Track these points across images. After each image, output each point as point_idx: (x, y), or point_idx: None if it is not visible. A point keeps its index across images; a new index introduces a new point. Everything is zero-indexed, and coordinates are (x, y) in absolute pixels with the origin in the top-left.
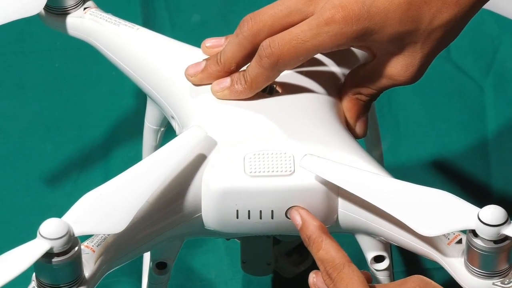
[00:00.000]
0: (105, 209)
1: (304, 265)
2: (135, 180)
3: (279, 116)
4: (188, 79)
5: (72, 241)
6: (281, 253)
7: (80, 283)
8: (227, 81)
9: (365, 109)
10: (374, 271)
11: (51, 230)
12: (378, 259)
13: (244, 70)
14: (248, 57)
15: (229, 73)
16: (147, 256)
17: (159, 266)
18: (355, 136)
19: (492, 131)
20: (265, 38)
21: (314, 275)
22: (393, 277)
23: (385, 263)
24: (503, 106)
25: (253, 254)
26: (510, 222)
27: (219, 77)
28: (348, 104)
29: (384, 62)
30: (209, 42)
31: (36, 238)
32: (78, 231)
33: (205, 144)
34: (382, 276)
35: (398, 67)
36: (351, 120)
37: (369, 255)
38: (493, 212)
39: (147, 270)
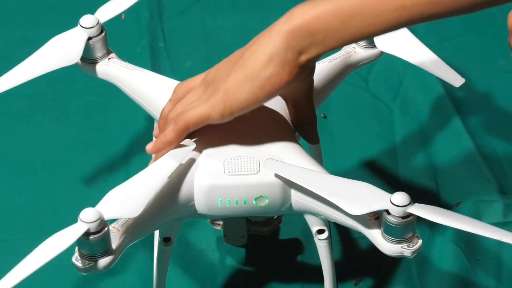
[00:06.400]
0: (125, 200)
1: (273, 222)
2: (146, 178)
3: (249, 131)
4: (149, 152)
5: (103, 224)
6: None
7: (109, 253)
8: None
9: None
10: (317, 240)
11: (88, 216)
12: (320, 231)
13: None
14: None
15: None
16: (156, 233)
17: (165, 240)
18: (310, 142)
19: (399, 140)
20: None
21: None
22: (331, 244)
23: (325, 234)
24: (406, 122)
25: (231, 230)
26: (413, 204)
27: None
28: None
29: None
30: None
31: (78, 222)
32: (107, 216)
33: (194, 152)
34: (323, 244)
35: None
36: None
37: (314, 229)
38: (401, 197)
39: (157, 243)
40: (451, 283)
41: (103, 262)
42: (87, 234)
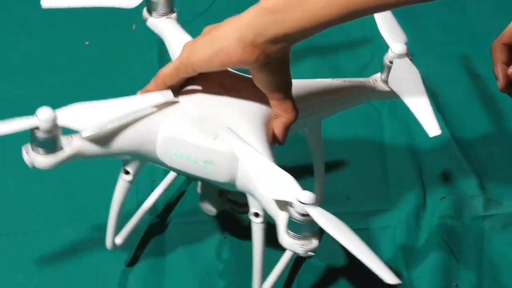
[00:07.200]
0: (85, 115)
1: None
2: (114, 106)
3: (227, 104)
4: None
5: (55, 126)
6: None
7: (55, 152)
8: None
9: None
10: (253, 222)
11: (43, 116)
12: (257, 215)
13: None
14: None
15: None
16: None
17: (125, 171)
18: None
19: (387, 140)
20: None
21: None
22: (265, 228)
23: (260, 219)
24: (393, 124)
25: (205, 196)
26: (316, 206)
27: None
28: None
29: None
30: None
31: (33, 116)
32: (60, 122)
33: (169, 103)
34: (257, 227)
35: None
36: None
37: (252, 211)
38: (305, 195)
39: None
40: (435, 272)
41: (45, 159)
42: (38, 130)
